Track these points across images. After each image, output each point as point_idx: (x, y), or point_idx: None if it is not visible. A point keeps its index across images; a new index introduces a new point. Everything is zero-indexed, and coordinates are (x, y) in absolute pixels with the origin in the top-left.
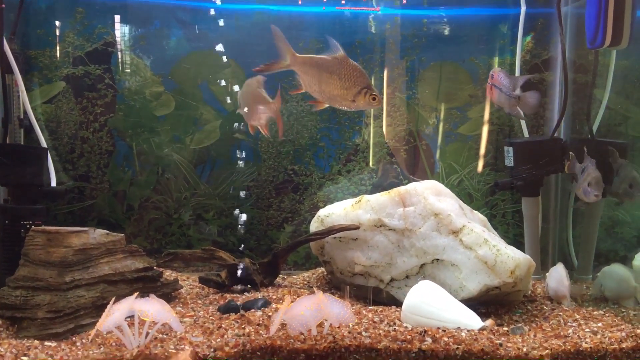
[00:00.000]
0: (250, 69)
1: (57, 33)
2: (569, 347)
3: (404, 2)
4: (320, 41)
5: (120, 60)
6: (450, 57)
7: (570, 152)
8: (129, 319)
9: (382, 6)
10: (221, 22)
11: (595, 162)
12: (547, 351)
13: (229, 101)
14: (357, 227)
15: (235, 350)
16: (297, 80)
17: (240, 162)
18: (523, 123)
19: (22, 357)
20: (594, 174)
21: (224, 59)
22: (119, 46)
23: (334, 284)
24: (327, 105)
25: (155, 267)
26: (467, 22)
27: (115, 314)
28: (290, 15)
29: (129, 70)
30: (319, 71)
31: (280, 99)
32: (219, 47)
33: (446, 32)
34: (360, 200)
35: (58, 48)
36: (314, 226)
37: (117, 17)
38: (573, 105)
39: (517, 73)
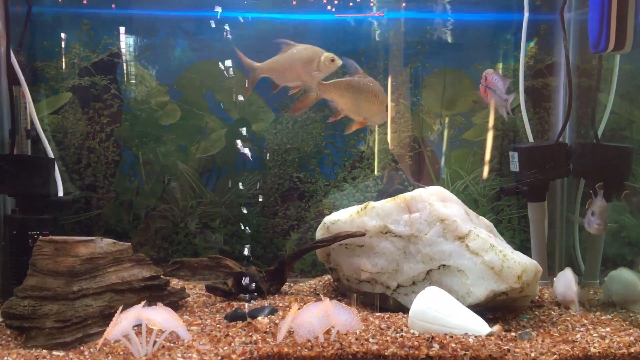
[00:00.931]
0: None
1: (63, 44)
2: (577, 352)
3: (403, 4)
4: (324, 49)
5: (125, 70)
6: (454, 63)
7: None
8: (136, 328)
9: (387, 11)
10: (226, 32)
11: (603, 192)
12: (555, 356)
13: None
14: (363, 234)
15: (243, 358)
16: (331, 106)
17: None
18: (528, 128)
19: None
20: (599, 203)
21: (230, 69)
22: (124, 57)
23: (341, 291)
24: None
25: (162, 276)
26: (470, 29)
27: (123, 322)
28: (294, 23)
29: (134, 81)
30: (354, 93)
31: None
32: (225, 58)
33: (450, 38)
34: (366, 207)
35: (64, 59)
36: (320, 233)
37: (122, 28)
38: (577, 109)
39: (520, 79)
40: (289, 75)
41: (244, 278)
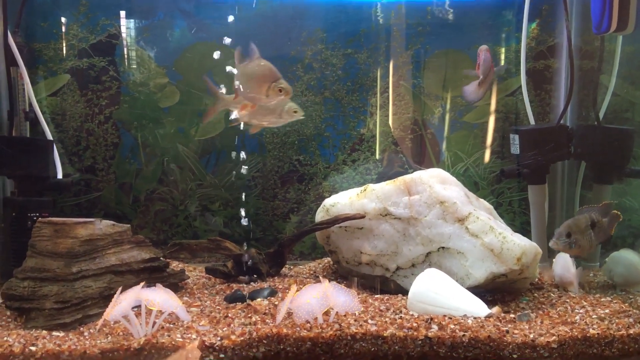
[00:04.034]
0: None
1: (62, 25)
2: (576, 334)
3: None
4: (324, 30)
5: (124, 52)
6: (455, 44)
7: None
8: (136, 309)
9: None
10: (224, 13)
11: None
12: (554, 337)
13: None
14: (363, 216)
15: (242, 339)
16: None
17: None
18: (529, 110)
19: (30, 347)
20: (569, 221)
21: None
22: (123, 38)
23: (340, 274)
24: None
25: (161, 258)
26: (471, 9)
27: (123, 303)
28: (294, 4)
29: (133, 62)
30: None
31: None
32: (223, 38)
33: (451, 19)
34: (365, 190)
35: (62, 41)
36: (320, 216)
37: (120, 9)
38: (579, 91)
39: (522, 60)
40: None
41: (243, 260)
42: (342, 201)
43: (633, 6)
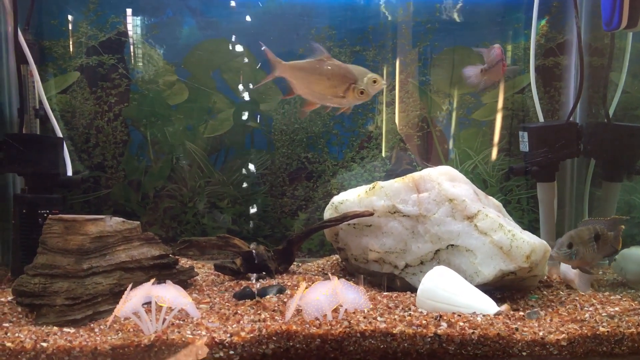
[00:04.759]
0: (262, 56)
1: (71, 23)
2: (585, 332)
3: None
4: (333, 28)
5: (133, 49)
6: (463, 42)
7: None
8: (146, 306)
9: None
10: (233, 11)
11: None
12: (563, 335)
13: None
14: (371, 214)
15: (252, 335)
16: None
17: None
18: (538, 107)
19: (42, 343)
20: (572, 232)
21: (237, 46)
22: (131, 36)
23: (349, 271)
24: (319, 105)
25: (171, 255)
26: (480, 6)
27: (133, 300)
28: (302, 2)
29: (142, 60)
30: (306, 75)
31: None
32: (232, 36)
33: (459, 16)
34: (374, 187)
35: (72, 38)
36: (328, 213)
37: (129, 7)
38: (589, 89)
39: (532, 58)
40: (312, 90)
41: (252, 257)
42: (350, 198)
43: None
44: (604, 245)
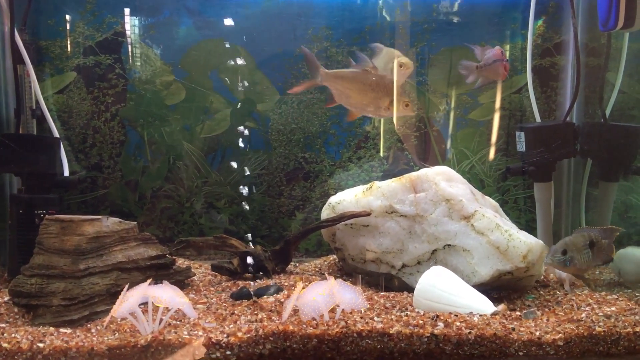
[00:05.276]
0: (260, 56)
1: (68, 23)
2: (582, 331)
3: None
4: (330, 28)
5: (130, 49)
6: (461, 42)
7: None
8: (142, 306)
9: None
10: (230, 11)
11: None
12: (560, 335)
13: (240, 89)
14: (368, 214)
15: (248, 335)
16: (329, 93)
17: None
18: (535, 108)
19: (38, 344)
20: (566, 238)
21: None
22: (128, 36)
23: (346, 271)
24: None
25: (168, 255)
26: (477, 6)
27: (129, 300)
28: (299, 2)
29: (139, 60)
30: (350, 84)
31: None
32: (229, 36)
33: (457, 16)
34: (371, 187)
35: (69, 38)
36: (325, 213)
37: (126, 6)
38: (585, 89)
39: (528, 58)
40: (354, 100)
41: (249, 257)
42: (347, 199)
43: None
44: (599, 253)
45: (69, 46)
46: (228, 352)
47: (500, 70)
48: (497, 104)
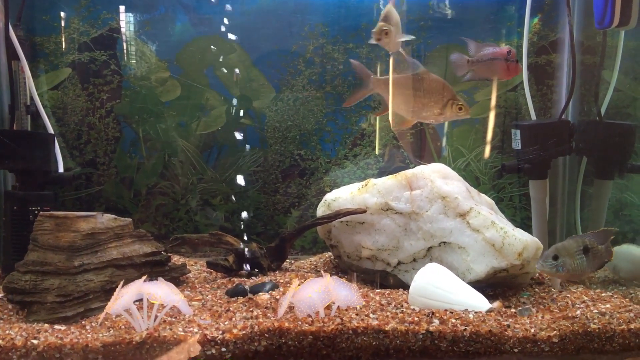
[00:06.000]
0: (256, 53)
1: (63, 19)
2: (577, 328)
3: None
4: (326, 25)
5: (125, 46)
6: (456, 39)
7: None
8: (137, 303)
9: None
10: (227, 7)
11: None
12: (555, 332)
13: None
14: (364, 211)
15: (244, 332)
16: (378, 99)
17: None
18: (530, 105)
19: (32, 341)
20: (559, 244)
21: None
22: (124, 32)
23: (342, 268)
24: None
25: (163, 252)
26: (473, 4)
27: (124, 297)
28: None
29: (134, 56)
30: (403, 90)
31: None
32: (225, 32)
33: (452, 14)
34: (366, 184)
35: (63, 34)
36: (321, 210)
37: (121, 3)
38: (581, 87)
39: (524, 56)
40: (407, 106)
41: (244, 254)
42: (343, 196)
43: (636, 1)
44: (594, 259)
45: (63, 42)
46: (223, 349)
47: (498, 69)
48: (493, 102)
